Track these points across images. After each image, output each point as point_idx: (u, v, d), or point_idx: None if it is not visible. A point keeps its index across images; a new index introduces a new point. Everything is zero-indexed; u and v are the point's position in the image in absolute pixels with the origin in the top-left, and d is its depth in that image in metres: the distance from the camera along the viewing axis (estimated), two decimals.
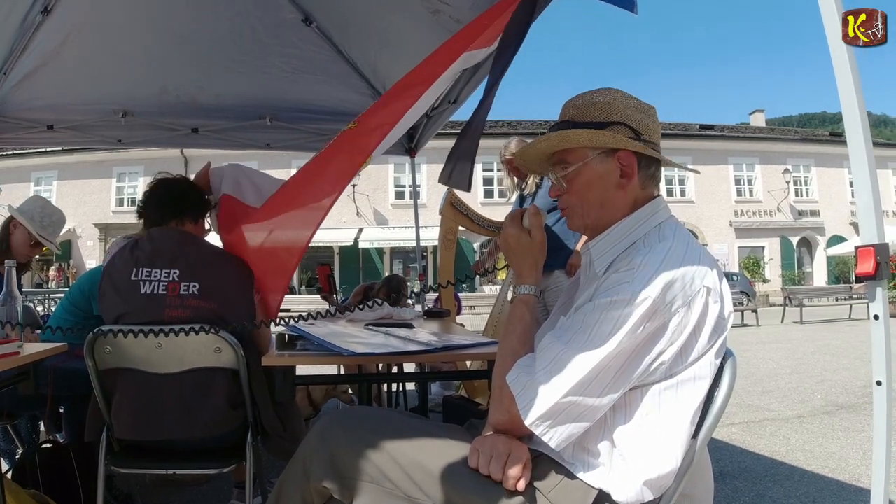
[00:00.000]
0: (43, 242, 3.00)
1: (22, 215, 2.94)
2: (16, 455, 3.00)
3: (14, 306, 1.96)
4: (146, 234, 2.19)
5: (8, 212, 3.04)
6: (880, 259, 1.32)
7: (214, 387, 1.97)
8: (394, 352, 1.93)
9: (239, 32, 3.47)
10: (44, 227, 2.99)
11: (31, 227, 2.94)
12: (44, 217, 3.01)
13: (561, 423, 1.12)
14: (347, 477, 1.21)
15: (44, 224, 3.00)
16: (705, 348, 1.16)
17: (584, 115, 1.29)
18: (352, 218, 27.18)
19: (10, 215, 2.99)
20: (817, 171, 29.80)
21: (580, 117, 1.29)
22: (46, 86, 3.78)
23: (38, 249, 3.04)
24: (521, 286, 1.32)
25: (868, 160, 1.33)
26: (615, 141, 1.24)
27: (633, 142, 1.25)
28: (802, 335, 11.64)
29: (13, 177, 26.46)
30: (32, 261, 3.20)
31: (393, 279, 5.08)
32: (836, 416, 4.72)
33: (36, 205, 3.06)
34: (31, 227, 2.93)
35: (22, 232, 2.95)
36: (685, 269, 1.14)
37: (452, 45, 2.06)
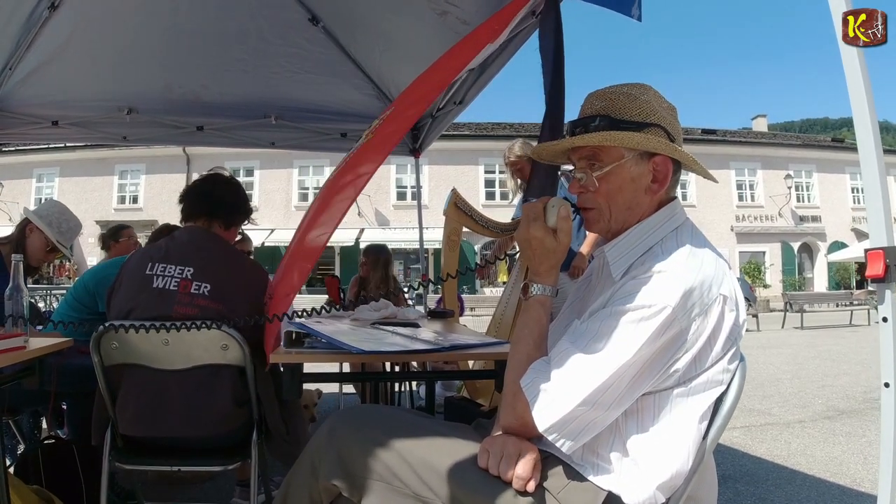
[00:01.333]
0: (60, 249, 2.95)
1: (41, 220, 2.89)
2: (17, 451, 2.99)
3: (20, 301, 1.96)
4: (170, 234, 2.21)
5: (23, 213, 3.01)
6: (890, 262, 1.32)
7: (220, 384, 1.96)
8: (401, 350, 1.92)
9: (245, 31, 3.48)
10: (62, 233, 2.94)
11: (50, 232, 2.88)
12: (62, 223, 2.95)
13: (574, 430, 1.11)
14: (356, 475, 1.20)
15: (62, 230, 2.94)
16: (719, 355, 1.15)
17: (621, 111, 1.23)
18: (353, 218, 27.16)
19: (27, 218, 2.93)
20: (819, 176, 29.80)
21: (616, 113, 1.23)
22: (52, 81, 3.79)
23: (53, 255, 2.99)
24: (537, 285, 1.27)
25: (878, 162, 1.33)
26: (658, 145, 1.20)
27: (673, 147, 1.21)
28: (803, 340, 11.62)
29: (15, 173, 26.47)
30: (43, 266, 3.16)
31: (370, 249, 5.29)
32: (837, 420, 4.71)
33: (54, 210, 3.00)
34: (49, 233, 2.88)
35: (39, 237, 2.89)
36: (703, 276, 1.12)
37: (462, 49, 2.07)
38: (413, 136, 5.02)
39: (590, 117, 1.25)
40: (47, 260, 3.03)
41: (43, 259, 2.99)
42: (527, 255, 1.28)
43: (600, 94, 1.28)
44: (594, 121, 1.23)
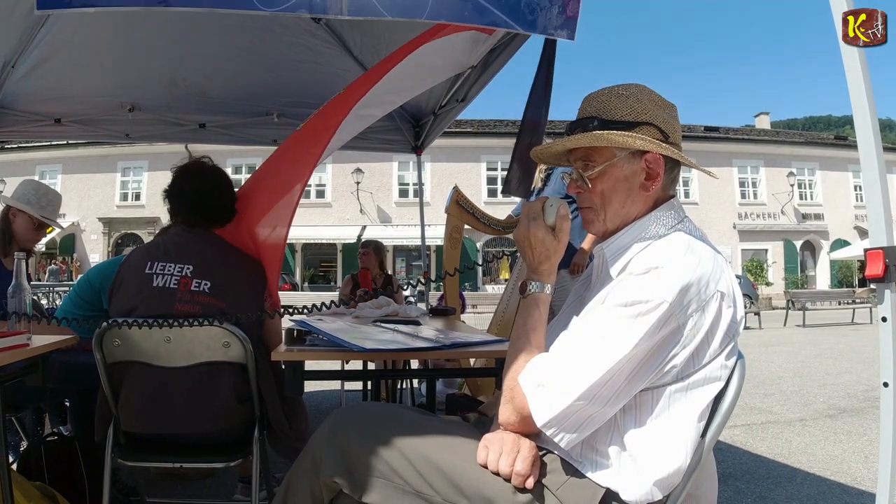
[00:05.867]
0: (46, 223, 2.93)
1: (19, 201, 2.87)
2: (20, 447, 3.01)
3: (23, 298, 1.96)
4: (168, 233, 2.20)
5: (0, 201, 2.99)
6: (889, 261, 1.32)
7: (222, 381, 1.97)
8: (402, 348, 1.93)
9: (248, 21, 3.46)
10: (42, 207, 2.92)
11: (31, 210, 2.87)
12: (40, 198, 2.93)
13: (572, 425, 1.12)
14: (357, 472, 1.21)
15: (42, 204, 2.92)
16: (717, 352, 1.15)
17: (612, 111, 1.26)
18: (355, 216, 27.19)
19: (6, 205, 2.92)
20: (821, 174, 29.74)
21: (607, 114, 1.26)
22: (55, 78, 3.78)
23: (42, 232, 2.96)
24: (535, 283, 1.28)
25: (878, 162, 1.34)
26: (647, 144, 1.22)
27: (664, 145, 1.23)
28: (805, 338, 11.63)
29: (18, 170, 26.45)
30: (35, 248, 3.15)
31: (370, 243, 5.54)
32: (838, 419, 4.71)
33: (29, 188, 2.97)
34: (31, 211, 2.86)
35: (23, 218, 2.88)
36: (701, 272, 1.13)
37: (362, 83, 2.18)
38: (415, 133, 5.01)
39: (584, 119, 1.28)
40: (38, 238, 3.01)
41: (34, 239, 2.97)
42: (525, 254, 1.29)
43: (595, 95, 1.30)
44: (588, 122, 1.26)
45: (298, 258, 27.53)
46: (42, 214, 2.91)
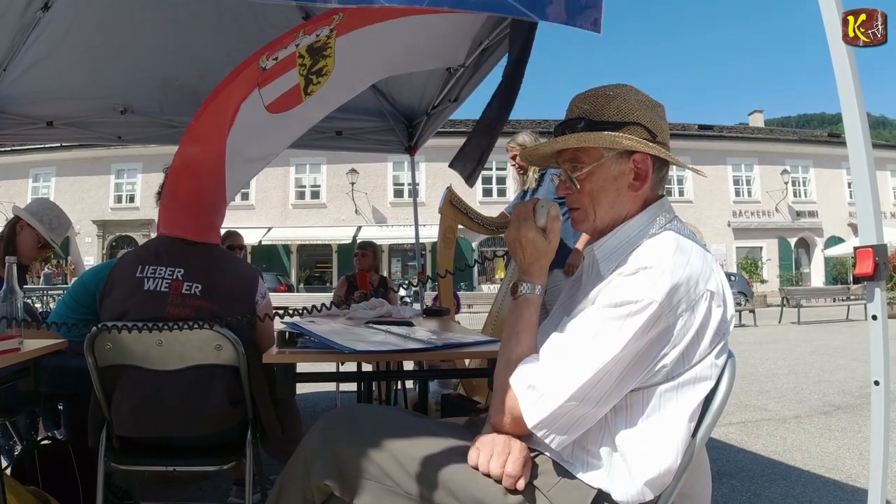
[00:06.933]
0: (50, 244, 2.97)
1: (31, 217, 2.90)
2: (14, 451, 3.00)
3: (14, 302, 1.96)
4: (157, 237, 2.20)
5: (12, 211, 3.02)
6: (879, 260, 1.33)
7: (215, 384, 1.96)
8: (394, 349, 1.93)
9: (241, 23, 3.45)
10: (52, 229, 2.95)
11: (41, 229, 2.90)
12: (52, 219, 2.97)
13: (563, 426, 1.12)
14: (349, 474, 1.21)
15: (52, 226, 2.96)
16: (707, 351, 1.16)
17: (599, 112, 1.26)
18: (350, 216, 27.19)
19: (17, 216, 2.95)
20: (815, 172, 29.87)
21: (594, 115, 1.26)
22: (47, 80, 3.77)
23: (45, 251, 3.00)
24: (526, 284, 1.28)
25: (867, 161, 1.34)
26: (634, 144, 1.22)
27: (651, 145, 1.23)
28: (800, 336, 11.67)
29: (11, 173, 26.45)
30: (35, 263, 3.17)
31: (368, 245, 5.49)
32: (832, 416, 4.73)
33: (44, 206, 3.02)
34: (40, 229, 2.90)
35: (30, 233, 2.91)
36: (690, 272, 1.13)
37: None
38: (409, 133, 5.01)
39: (572, 120, 1.28)
40: (39, 257, 3.05)
41: (34, 256, 3.01)
42: (516, 255, 1.29)
43: (582, 96, 1.30)
44: (575, 123, 1.27)
45: (294, 259, 27.53)
46: (49, 235, 2.94)
